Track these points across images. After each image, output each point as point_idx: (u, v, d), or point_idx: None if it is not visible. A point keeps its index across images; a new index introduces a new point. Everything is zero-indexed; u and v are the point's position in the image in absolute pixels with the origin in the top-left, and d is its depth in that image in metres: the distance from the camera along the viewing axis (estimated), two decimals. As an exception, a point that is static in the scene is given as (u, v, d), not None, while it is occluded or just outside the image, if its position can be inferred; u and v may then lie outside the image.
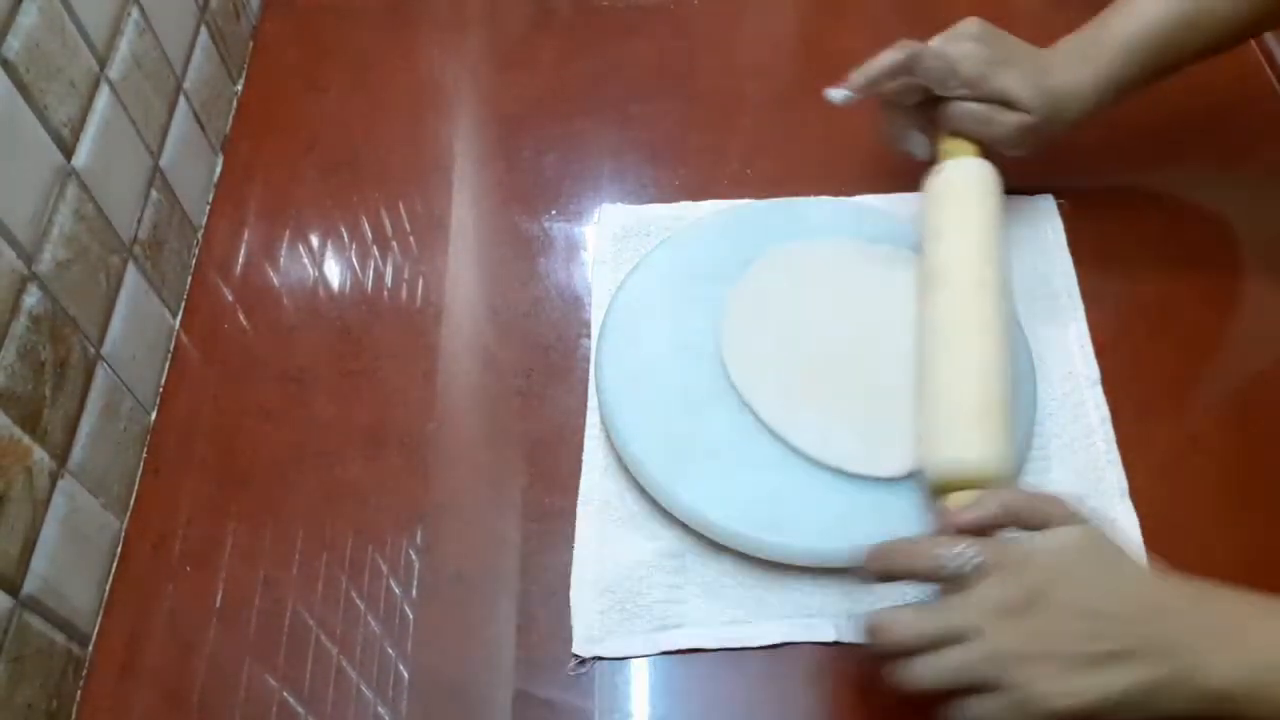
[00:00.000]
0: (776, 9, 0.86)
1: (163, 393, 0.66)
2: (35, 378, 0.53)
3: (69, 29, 0.57)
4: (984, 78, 0.62)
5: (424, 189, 0.75)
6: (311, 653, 0.56)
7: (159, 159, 0.67)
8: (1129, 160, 0.74)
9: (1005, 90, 0.62)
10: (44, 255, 0.54)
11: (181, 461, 0.63)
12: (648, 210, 0.72)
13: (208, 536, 0.60)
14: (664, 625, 0.56)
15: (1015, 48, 0.64)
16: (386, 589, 0.58)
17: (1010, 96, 0.62)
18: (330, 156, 0.77)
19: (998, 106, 0.63)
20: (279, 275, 0.71)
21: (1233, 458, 0.61)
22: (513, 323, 0.68)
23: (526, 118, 0.78)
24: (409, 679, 0.56)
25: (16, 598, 0.50)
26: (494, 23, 0.86)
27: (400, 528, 0.60)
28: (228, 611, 0.58)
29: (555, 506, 0.60)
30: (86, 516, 0.57)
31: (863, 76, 0.63)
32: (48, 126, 0.55)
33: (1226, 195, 0.73)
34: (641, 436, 0.60)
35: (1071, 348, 0.65)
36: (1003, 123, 0.63)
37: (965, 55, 0.62)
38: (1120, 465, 0.61)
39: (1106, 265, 0.69)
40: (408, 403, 0.65)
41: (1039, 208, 0.71)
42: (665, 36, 0.83)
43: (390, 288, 0.70)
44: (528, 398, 0.65)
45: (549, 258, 0.71)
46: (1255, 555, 0.58)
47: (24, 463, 0.51)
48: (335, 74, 0.81)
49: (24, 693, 0.50)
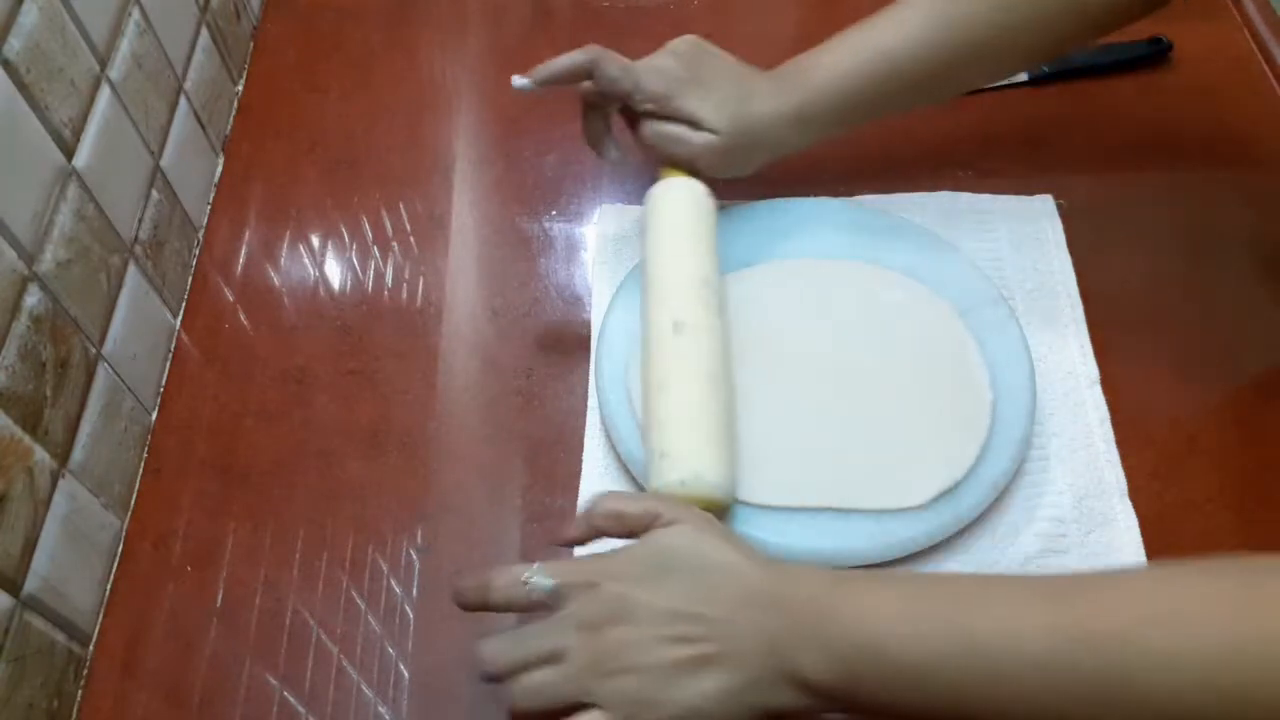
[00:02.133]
0: (776, 9, 0.86)
1: (163, 392, 0.66)
2: (36, 378, 0.53)
3: (69, 29, 0.57)
4: (669, 96, 0.61)
5: (424, 189, 0.75)
6: (312, 652, 0.57)
7: (160, 159, 0.67)
8: (1129, 160, 0.74)
9: (690, 111, 0.61)
10: (45, 255, 0.54)
11: (182, 461, 0.63)
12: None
13: (208, 536, 0.60)
14: (663, 625, 0.56)
15: (718, 69, 0.63)
16: (387, 589, 0.59)
17: (695, 117, 0.61)
18: (331, 156, 0.77)
19: (687, 126, 0.62)
20: (279, 275, 0.71)
21: (1232, 458, 0.61)
22: (513, 323, 0.68)
23: (526, 118, 0.78)
24: (409, 679, 0.56)
25: (17, 597, 0.50)
26: (494, 23, 0.86)
27: (400, 528, 0.60)
28: (228, 611, 0.58)
29: (555, 506, 0.61)
30: (87, 516, 0.57)
31: (543, 70, 0.62)
32: (48, 127, 0.55)
33: (1226, 195, 0.73)
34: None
35: (1071, 348, 0.65)
36: (691, 142, 0.62)
37: (653, 70, 0.62)
38: (1119, 465, 0.61)
39: (1106, 265, 0.69)
40: (408, 403, 0.65)
41: (1039, 208, 0.71)
42: (665, 36, 0.82)
43: (390, 288, 0.70)
44: (528, 398, 0.65)
45: (549, 258, 0.71)
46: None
47: (25, 462, 0.51)
48: (336, 74, 0.81)
49: (25, 692, 0.51)
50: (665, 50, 0.63)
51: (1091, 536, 0.58)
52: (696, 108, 0.61)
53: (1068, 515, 0.59)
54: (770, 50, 0.65)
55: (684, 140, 0.62)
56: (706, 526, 0.48)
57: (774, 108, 0.62)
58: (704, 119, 0.61)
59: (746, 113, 0.61)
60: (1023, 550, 0.58)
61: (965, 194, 0.72)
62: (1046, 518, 0.59)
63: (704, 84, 0.62)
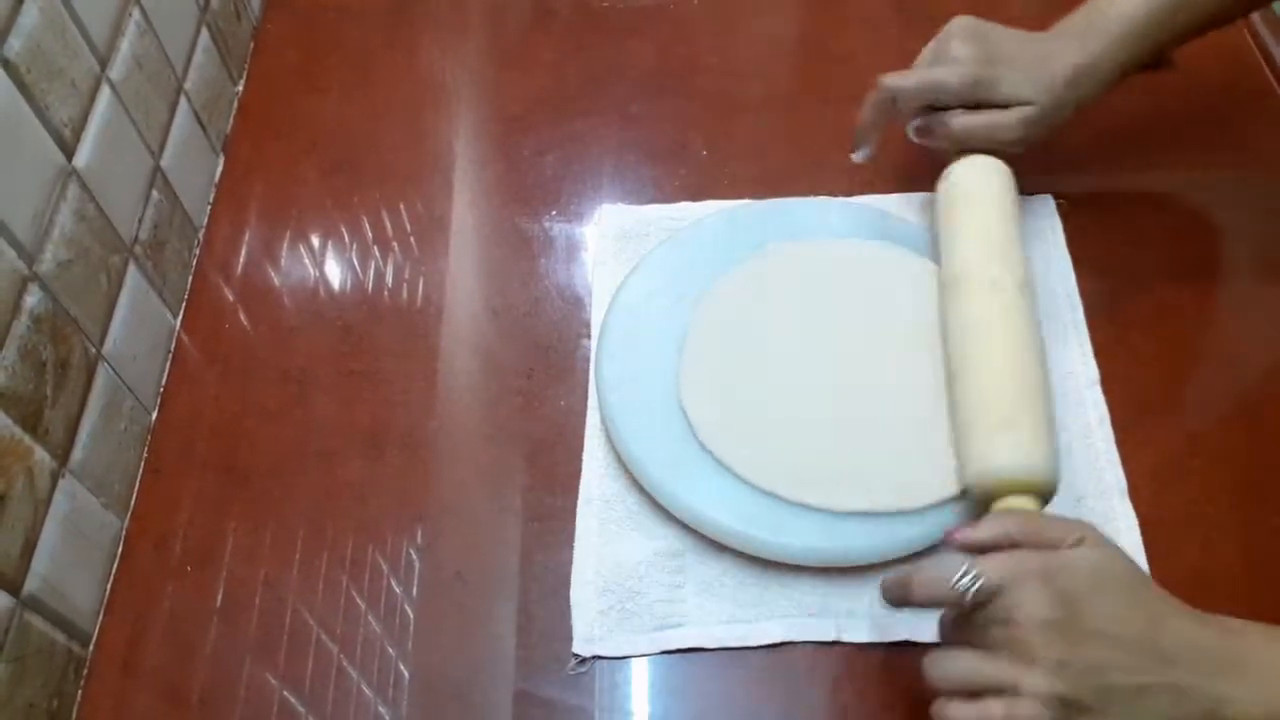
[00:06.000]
0: (776, 9, 0.86)
1: (163, 392, 0.66)
2: (36, 378, 0.53)
3: (70, 29, 0.57)
4: (977, 86, 0.62)
5: (424, 189, 0.75)
6: (312, 652, 0.57)
7: (160, 159, 0.67)
8: (1129, 160, 0.74)
9: (1004, 95, 0.62)
10: (45, 255, 0.54)
11: (182, 461, 0.63)
12: (648, 210, 0.72)
13: (208, 536, 0.60)
14: (664, 624, 0.56)
15: (1007, 41, 0.63)
16: (387, 589, 0.59)
17: (1009, 98, 0.62)
18: (330, 156, 0.77)
19: (997, 110, 0.62)
20: (280, 275, 0.71)
21: (1232, 458, 0.61)
22: (513, 323, 0.68)
23: (526, 118, 0.78)
24: (409, 679, 0.56)
25: (17, 597, 0.50)
26: (494, 23, 0.86)
27: (400, 528, 0.60)
28: (228, 611, 0.58)
29: (555, 506, 0.61)
30: (87, 516, 0.57)
31: (862, 134, 0.65)
32: (49, 127, 0.55)
33: (1226, 195, 0.73)
34: (641, 436, 0.60)
35: (1071, 347, 0.65)
36: (1008, 124, 0.62)
37: (951, 67, 0.62)
38: (1119, 465, 0.61)
39: (1106, 265, 0.69)
40: (408, 403, 0.65)
41: (1039, 208, 0.71)
42: (665, 36, 0.83)
43: (391, 288, 0.70)
44: (528, 398, 0.65)
45: (549, 258, 0.71)
46: (1255, 555, 0.58)
47: (25, 462, 0.51)
48: (336, 74, 0.81)
49: (25, 692, 0.51)
50: (948, 38, 0.63)
51: (1091, 536, 0.58)
52: (1010, 89, 0.61)
53: (1068, 515, 0.59)
54: (770, 50, 0.65)
55: (1000, 124, 0.62)
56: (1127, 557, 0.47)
57: (1076, 62, 0.61)
58: (1027, 95, 0.61)
59: (1052, 75, 0.61)
60: (1023, 550, 0.58)
61: (966, 194, 0.72)
62: (1047, 518, 0.59)
63: (1002, 62, 0.62)
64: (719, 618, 0.56)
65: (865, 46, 0.79)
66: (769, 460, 0.58)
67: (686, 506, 0.57)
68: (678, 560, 0.58)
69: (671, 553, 0.58)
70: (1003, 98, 0.62)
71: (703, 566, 0.58)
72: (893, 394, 0.61)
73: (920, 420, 0.59)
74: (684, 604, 0.57)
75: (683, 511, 0.58)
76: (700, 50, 0.82)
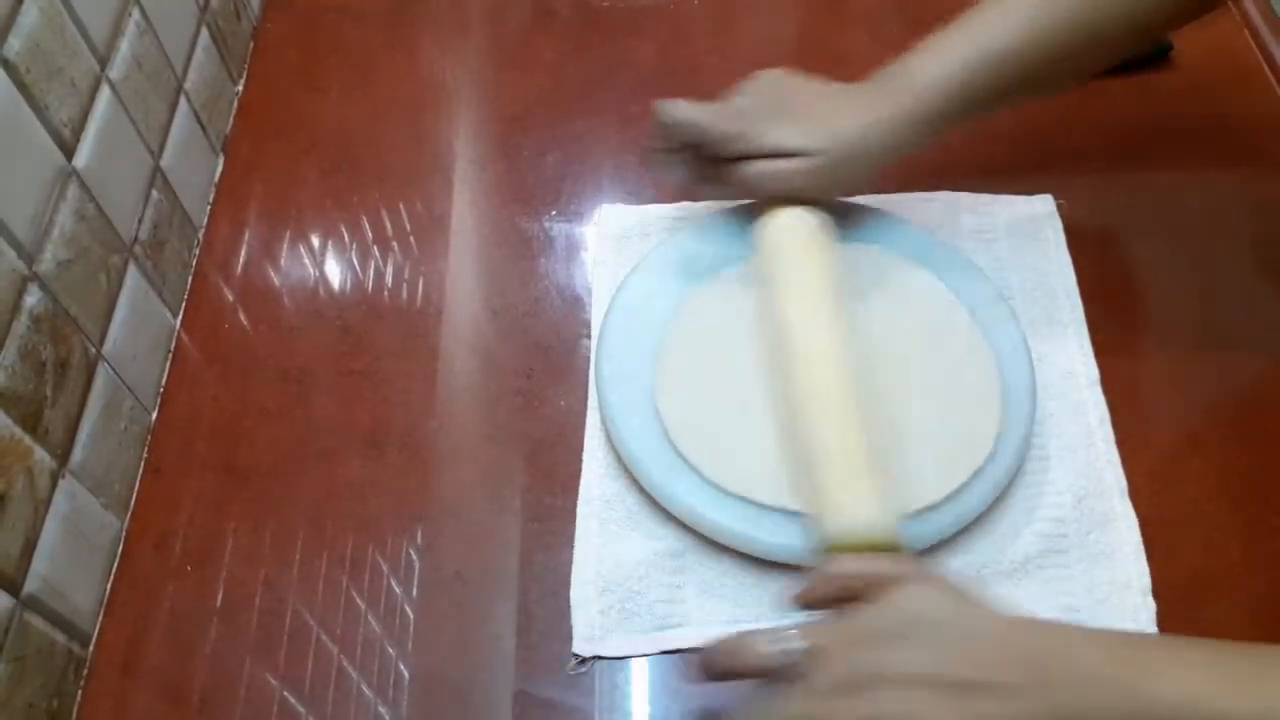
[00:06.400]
0: (776, 9, 0.86)
1: (163, 392, 0.66)
2: (36, 378, 0.53)
3: (70, 29, 0.57)
4: (753, 134, 0.61)
5: (424, 189, 0.75)
6: (312, 652, 0.57)
7: (160, 159, 0.67)
8: (1129, 160, 0.74)
9: (776, 143, 0.60)
10: (45, 255, 0.54)
11: (182, 461, 0.63)
12: (648, 210, 0.72)
13: (208, 536, 0.60)
14: (664, 625, 0.56)
15: (799, 93, 0.62)
16: (387, 589, 0.59)
17: (783, 148, 0.60)
18: (330, 156, 0.77)
19: (781, 159, 0.61)
20: (279, 275, 0.71)
21: (1232, 458, 0.61)
22: (513, 323, 0.68)
23: (526, 118, 0.78)
24: (409, 679, 0.56)
25: (17, 597, 0.50)
26: (494, 23, 0.86)
27: (400, 528, 0.60)
28: (228, 611, 0.58)
29: (555, 506, 0.61)
30: (87, 516, 0.57)
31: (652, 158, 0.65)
32: (48, 127, 0.55)
33: (1226, 195, 0.73)
34: (641, 436, 0.60)
35: (1071, 347, 0.65)
36: (788, 172, 0.61)
37: (729, 113, 0.61)
38: (1119, 465, 0.61)
39: (1106, 265, 0.69)
40: (408, 403, 0.65)
41: (1039, 208, 0.71)
42: (665, 36, 0.83)
43: (390, 288, 0.70)
44: (528, 398, 0.65)
45: (549, 258, 0.71)
46: (1255, 555, 0.58)
47: (25, 462, 0.51)
48: (335, 74, 0.81)
49: (25, 692, 0.51)
50: (738, 90, 0.62)
51: (1091, 536, 0.58)
52: (783, 137, 0.60)
53: (1068, 515, 0.59)
54: (770, 50, 0.65)
55: (780, 172, 0.61)
56: (950, 587, 0.47)
57: (873, 116, 0.60)
58: (794, 146, 0.60)
59: (842, 128, 0.60)
60: (1023, 550, 0.58)
61: (965, 194, 0.72)
62: (1046, 518, 0.59)
63: (786, 112, 0.61)
64: (719, 618, 0.56)
65: (865, 45, 0.79)
66: (743, 465, 0.58)
67: (686, 506, 0.57)
68: (678, 560, 0.58)
69: (671, 553, 0.58)
70: (774, 149, 0.61)
71: (703, 566, 0.58)
72: (887, 403, 0.60)
73: (914, 426, 0.59)
74: (684, 604, 0.57)
75: (683, 511, 0.58)
76: (700, 50, 0.82)
